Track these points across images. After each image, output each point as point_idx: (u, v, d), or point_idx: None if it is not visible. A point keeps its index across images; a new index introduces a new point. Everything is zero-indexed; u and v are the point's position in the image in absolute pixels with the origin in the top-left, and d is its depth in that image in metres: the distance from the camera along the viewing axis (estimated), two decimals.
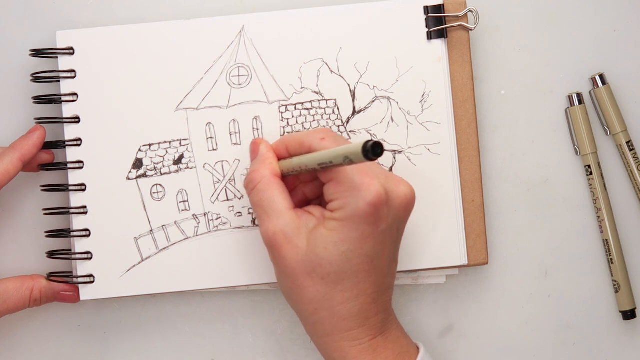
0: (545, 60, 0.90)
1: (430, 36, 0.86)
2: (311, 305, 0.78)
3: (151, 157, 0.85)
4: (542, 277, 0.91)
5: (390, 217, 0.77)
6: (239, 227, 0.86)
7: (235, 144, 0.86)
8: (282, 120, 0.86)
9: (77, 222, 0.85)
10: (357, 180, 0.76)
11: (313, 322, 0.79)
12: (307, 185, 0.83)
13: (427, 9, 0.86)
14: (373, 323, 0.79)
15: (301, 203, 0.82)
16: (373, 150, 0.68)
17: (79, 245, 0.85)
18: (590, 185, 0.90)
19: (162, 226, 0.85)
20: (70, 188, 0.85)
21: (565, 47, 0.90)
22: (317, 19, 0.86)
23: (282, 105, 0.86)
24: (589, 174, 0.90)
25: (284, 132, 0.86)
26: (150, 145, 0.85)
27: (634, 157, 0.90)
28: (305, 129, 0.86)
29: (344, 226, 0.76)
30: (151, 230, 0.85)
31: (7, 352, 0.88)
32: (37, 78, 0.85)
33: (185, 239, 0.85)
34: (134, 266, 0.85)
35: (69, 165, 0.85)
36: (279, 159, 0.81)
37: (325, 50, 0.86)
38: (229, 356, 0.89)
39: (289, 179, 0.81)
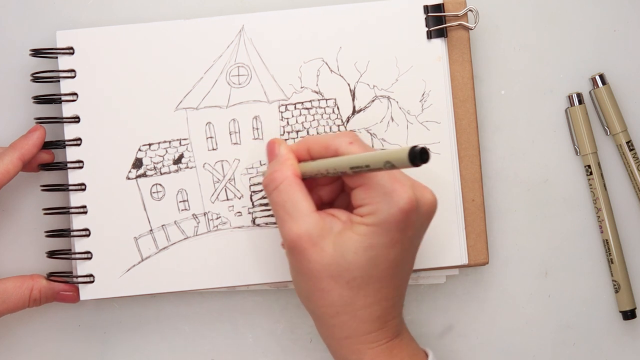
0: (545, 60, 0.90)
1: (430, 35, 0.86)
2: (332, 308, 0.78)
3: (151, 157, 0.85)
4: (542, 277, 0.91)
5: (417, 224, 0.77)
6: (239, 227, 0.86)
7: (235, 144, 0.86)
8: (282, 119, 0.86)
9: (77, 222, 0.85)
10: (389, 186, 0.75)
11: (332, 325, 0.79)
12: (324, 188, 0.82)
13: (427, 8, 0.86)
14: (391, 326, 0.79)
15: (317, 206, 0.82)
16: (421, 156, 0.67)
17: (79, 245, 0.85)
18: (590, 185, 0.90)
19: (162, 226, 0.85)
20: (70, 188, 0.85)
21: (565, 47, 0.90)
22: (317, 19, 0.86)
23: (282, 105, 0.86)
24: (589, 174, 0.90)
25: (284, 132, 0.86)
26: (150, 144, 0.85)
27: (634, 157, 0.90)
28: (305, 128, 0.86)
29: (374, 232, 0.76)
30: (151, 230, 0.85)
31: (7, 352, 0.88)
32: (37, 78, 0.85)
33: (185, 239, 0.85)
34: (134, 266, 0.85)
35: (69, 165, 0.85)
36: (299, 160, 0.81)
37: (325, 49, 0.86)
38: (229, 356, 0.89)
39: (306, 182, 0.80)
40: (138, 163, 0.85)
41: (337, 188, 0.81)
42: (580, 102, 0.90)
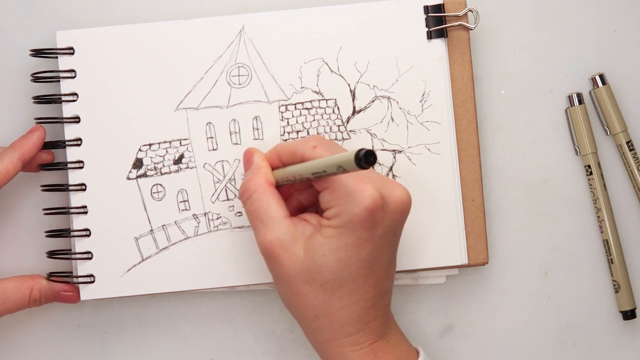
0: (545, 60, 0.90)
1: (430, 36, 0.86)
2: (310, 312, 0.78)
3: (151, 157, 0.85)
4: (542, 277, 0.91)
5: (386, 222, 0.77)
6: (239, 227, 0.86)
7: (235, 144, 0.86)
8: (282, 120, 0.86)
9: (77, 222, 0.85)
10: (351, 186, 0.76)
11: (313, 328, 0.79)
12: (302, 193, 0.83)
13: (427, 9, 0.86)
14: (373, 327, 0.79)
15: (296, 211, 0.82)
16: (365, 158, 0.68)
17: (79, 245, 0.85)
18: (590, 185, 0.90)
19: (162, 226, 0.85)
20: (70, 188, 0.85)
21: (565, 47, 0.90)
22: (317, 19, 0.86)
23: (282, 105, 0.86)
24: (589, 174, 0.90)
25: (284, 132, 0.86)
26: (150, 145, 0.85)
27: (634, 157, 0.90)
28: (305, 128, 0.86)
29: (341, 233, 0.76)
30: (151, 230, 0.85)
31: (7, 352, 0.88)
32: (37, 78, 0.85)
33: (185, 239, 0.85)
34: (134, 266, 0.85)
35: (69, 165, 0.85)
36: (273, 168, 0.81)
37: (325, 49, 0.86)
38: (229, 356, 0.89)
39: (283, 188, 0.81)
40: (138, 163, 0.85)
41: (315, 192, 0.81)
42: (580, 102, 0.90)
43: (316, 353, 0.84)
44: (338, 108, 0.86)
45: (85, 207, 0.85)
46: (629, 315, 0.90)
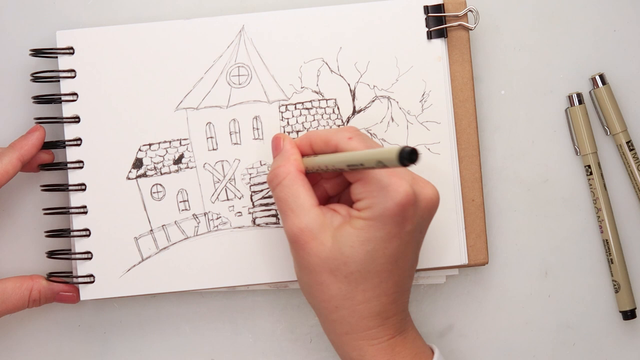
0: (545, 60, 0.90)
1: (430, 36, 0.86)
2: (332, 302, 0.78)
3: (151, 157, 0.85)
4: (542, 277, 0.91)
5: (416, 219, 0.77)
6: (239, 227, 0.86)
7: (235, 144, 0.86)
8: (282, 119, 0.86)
9: (77, 222, 0.85)
10: (385, 180, 0.76)
11: (332, 319, 0.79)
12: (329, 182, 0.82)
13: (427, 9, 0.86)
14: (392, 323, 0.79)
15: (322, 199, 0.82)
16: (409, 156, 0.68)
17: (79, 245, 0.85)
18: (590, 185, 0.90)
19: (162, 226, 0.85)
20: (70, 188, 0.85)
21: (565, 47, 0.90)
22: (317, 19, 0.86)
23: (282, 105, 0.86)
24: (589, 174, 0.90)
25: (284, 132, 0.86)
26: (150, 145, 0.85)
27: (634, 157, 0.90)
28: (305, 128, 0.86)
29: (371, 225, 0.76)
30: (151, 230, 0.85)
31: (7, 352, 0.88)
32: (37, 78, 0.85)
33: (185, 239, 0.85)
34: (134, 266, 0.85)
35: (69, 165, 0.85)
36: (302, 155, 0.81)
37: (325, 49, 0.86)
38: (229, 356, 0.89)
39: (311, 175, 0.81)
40: (138, 163, 0.85)
41: (343, 181, 0.81)
42: (580, 102, 0.90)
43: (317, 351, 0.84)
44: (338, 108, 0.86)
45: (85, 207, 0.85)
46: (629, 315, 0.90)
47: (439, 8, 0.86)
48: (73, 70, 0.85)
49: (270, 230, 0.86)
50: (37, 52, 0.85)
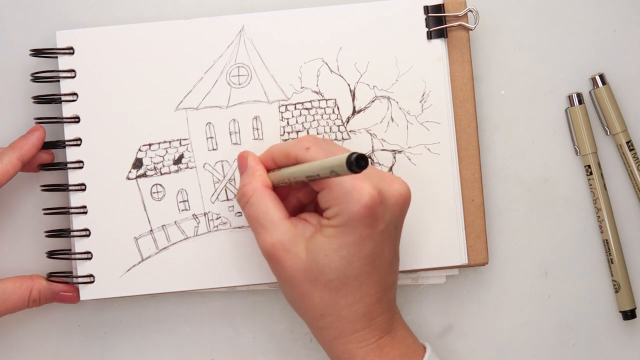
0: (545, 60, 0.90)
1: (430, 36, 0.86)
2: (316, 311, 0.78)
3: (151, 157, 0.85)
4: (542, 277, 0.91)
5: (386, 217, 0.77)
6: (239, 227, 0.86)
7: (235, 144, 0.86)
8: (282, 120, 0.86)
9: (77, 222, 0.85)
10: (349, 185, 0.76)
11: (320, 327, 0.79)
12: (300, 191, 0.83)
13: (427, 9, 0.86)
14: (379, 323, 0.79)
15: (296, 209, 0.82)
16: (357, 163, 0.68)
17: (79, 245, 0.85)
18: (590, 185, 0.90)
19: (162, 226, 0.85)
20: (70, 188, 0.85)
21: (565, 47, 0.90)
22: (317, 19, 0.86)
23: (282, 105, 0.86)
24: (589, 174, 0.90)
25: (284, 132, 0.86)
26: (150, 145, 0.85)
27: (634, 157, 0.90)
28: (305, 128, 0.86)
29: (342, 232, 0.76)
30: (151, 230, 0.85)
31: (7, 352, 0.88)
32: (37, 78, 0.85)
33: (185, 239, 0.85)
34: (134, 266, 0.85)
35: (69, 165, 0.85)
36: (268, 170, 0.81)
37: (325, 50, 0.86)
38: (229, 356, 0.89)
39: (281, 188, 0.81)
40: (138, 163, 0.85)
41: (313, 189, 0.81)
42: (580, 102, 0.90)
43: (316, 351, 0.84)
44: (338, 108, 0.86)
45: (85, 207, 0.85)
46: (629, 315, 0.90)
47: (439, 8, 0.86)
48: (73, 70, 0.85)
49: None
50: (37, 52, 0.85)
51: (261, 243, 0.79)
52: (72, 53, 0.85)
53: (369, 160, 0.68)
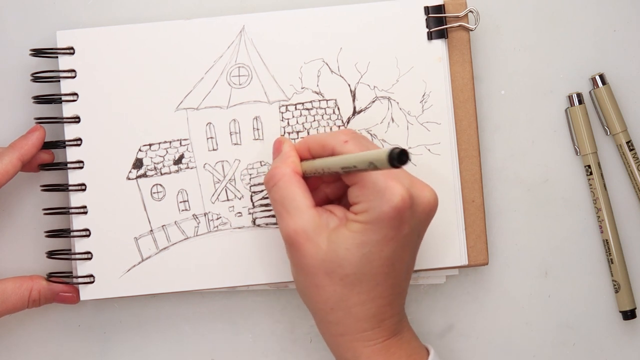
0: (545, 60, 0.90)
1: (430, 36, 0.86)
2: (327, 304, 0.78)
3: (151, 157, 0.85)
4: (542, 277, 0.91)
5: (413, 222, 0.77)
6: (239, 227, 0.86)
7: (235, 144, 0.86)
8: (282, 120, 0.86)
9: (77, 222, 0.85)
10: (382, 183, 0.76)
11: (328, 321, 0.79)
12: (329, 186, 0.82)
13: (427, 9, 0.86)
14: (388, 325, 0.79)
15: (322, 203, 0.82)
16: (399, 158, 0.68)
17: (79, 245, 0.85)
18: (590, 185, 0.90)
19: (162, 226, 0.85)
20: (70, 188, 0.85)
21: (565, 47, 0.90)
22: (317, 19, 0.86)
23: (283, 105, 0.86)
24: (589, 174, 0.90)
25: (285, 133, 0.86)
26: (150, 145, 0.85)
27: (634, 157, 0.90)
28: (305, 129, 0.86)
29: (368, 229, 0.76)
30: (151, 230, 0.85)
31: (7, 352, 0.88)
32: (37, 78, 0.85)
33: (185, 239, 0.85)
34: (134, 266, 0.85)
35: (69, 165, 0.85)
36: (302, 159, 0.81)
37: (326, 50, 0.86)
38: (229, 356, 0.89)
39: (311, 179, 0.81)
40: (138, 163, 0.85)
41: (342, 186, 0.81)
42: (580, 102, 0.90)
43: (317, 351, 0.84)
44: (338, 108, 0.86)
45: (85, 207, 0.85)
46: (629, 315, 0.90)
47: (439, 9, 0.86)
48: (73, 70, 0.85)
49: (271, 231, 0.86)
50: (37, 52, 0.85)
51: (284, 228, 0.78)
52: (73, 53, 0.85)
53: (409, 156, 0.68)
